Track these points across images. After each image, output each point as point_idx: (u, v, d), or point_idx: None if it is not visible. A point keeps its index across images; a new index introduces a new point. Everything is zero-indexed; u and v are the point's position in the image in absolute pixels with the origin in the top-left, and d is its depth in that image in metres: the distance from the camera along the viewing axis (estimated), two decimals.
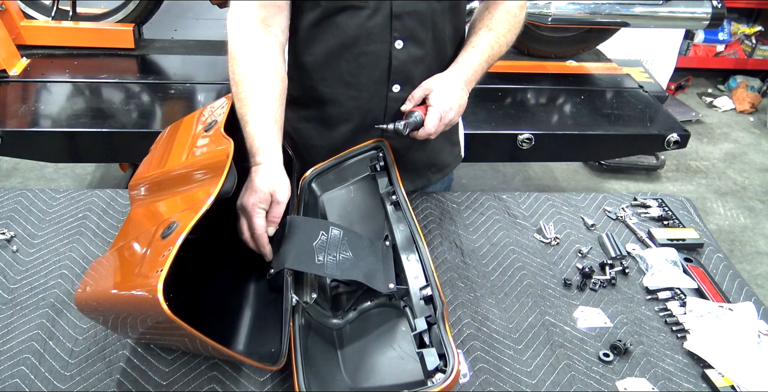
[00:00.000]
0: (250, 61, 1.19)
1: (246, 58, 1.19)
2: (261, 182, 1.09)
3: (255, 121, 1.15)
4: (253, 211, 1.08)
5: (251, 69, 1.18)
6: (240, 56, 1.19)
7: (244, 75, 1.18)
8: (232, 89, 1.19)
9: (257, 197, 1.08)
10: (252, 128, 1.14)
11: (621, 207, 1.53)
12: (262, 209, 1.08)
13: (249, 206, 1.08)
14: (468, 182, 3.31)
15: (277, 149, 1.16)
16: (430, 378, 0.91)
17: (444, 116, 1.24)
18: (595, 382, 1.06)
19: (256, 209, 1.08)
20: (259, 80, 1.18)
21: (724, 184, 3.61)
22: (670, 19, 2.51)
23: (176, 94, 2.22)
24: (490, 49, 1.32)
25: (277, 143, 1.16)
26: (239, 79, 1.18)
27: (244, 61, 1.19)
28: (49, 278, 1.21)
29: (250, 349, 1.04)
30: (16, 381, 1.00)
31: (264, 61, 1.20)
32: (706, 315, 1.18)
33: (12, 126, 1.92)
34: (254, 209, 1.08)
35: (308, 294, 1.12)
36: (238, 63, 1.19)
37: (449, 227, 1.43)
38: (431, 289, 1.02)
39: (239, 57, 1.19)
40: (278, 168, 1.13)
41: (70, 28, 2.47)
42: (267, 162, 1.12)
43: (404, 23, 1.25)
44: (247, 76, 1.18)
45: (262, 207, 1.08)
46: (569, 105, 2.37)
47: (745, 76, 4.65)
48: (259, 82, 1.18)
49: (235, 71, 1.19)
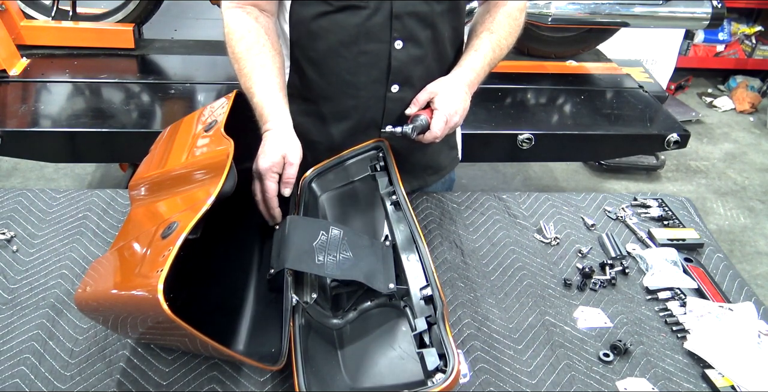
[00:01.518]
0: (248, 38, 1.24)
1: (245, 36, 1.24)
2: (273, 146, 1.15)
3: (261, 91, 1.21)
4: (266, 174, 1.14)
5: (251, 45, 1.23)
6: (238, 35, 1.25)
7: (245, 51, 1.23)
8: (234, 67, 1.25)
9: (270, 161, 1.14)
10: (259, 97, 1.20)
11: (621, 207, 1.53)
12: (275, 172, 1.14)
13: (263, 170, 1.14)
14: (468, 182, 3.31)
15: (286, 114, 1.22)
16: (430, 378, 0.91)
17: (449, 120, 1.25)
18: (595, 382, 1.06)
19: (269, 174, 1.14)
20: (260, 55, 1.23)
21: (724, 184, 3.61)
22: (670, 19, 2.51)
23: (176, 94, 2.22)
24: (492, 53, 1.33)
25: (285, 109, 1.22)
26: (240, 56, 1.24)
27: (243, 39, 1.24)
28: (49, 278, 1.21)
29: (250, 349, 1.04)
30: (16, 381, 1.00)
31: (262, 38, 1.25)
32: (706, 315, 1.18)
33: (12, 126, 1.92)
34: (268, 172, 1.14)
35: (308, 293, 1.12)
36: (238, 41, 1.24)
37: (449, 227, 1.43)
38: (431, 289, 1.02)
39: (237, 36, 1.25)
40: (289, 132, 1.20)
41: (70, 28, 2.47)
42: (277, 127, 1.18)
43: (404, 24, 1.25)
44: (247, 52, 1.23)
45: (275, 171, 1.14)
46: (569, 105, 2.37)
47: (745, 76, 4.64)
48: (261, 57, 1.23)
49: (235, 50, 1.25)
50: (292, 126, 1.22)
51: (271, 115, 1.19)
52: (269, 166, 1.14)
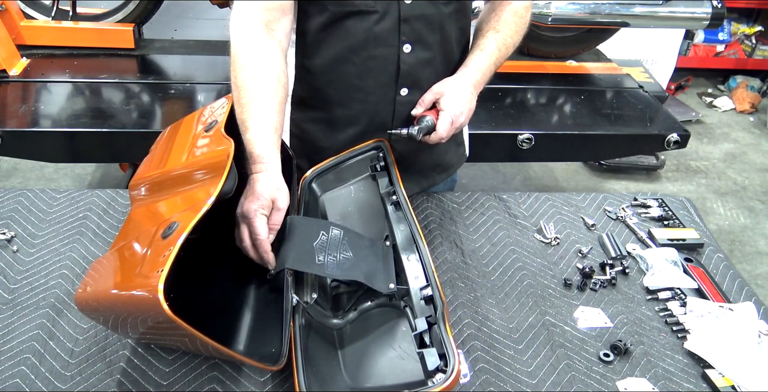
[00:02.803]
0: (252, 66, 1.17)
1: (248, 63, 1.17)
2: (262, 188, 1.08)
3: (256, 128, 1.13)
4: (255, 216, 1.06)
5: (254, 74, 1.17)
6: (243, 61, 1.18)
7: (247, 80, 1.16)
8: (234, 94, 1.18)
9: (259, 203, 1.06)
10: (252, 135, 1.13)
11: (621, 207, 1.53)
12: (263, 214, 1.07)
13: (251, 212, 1.06)
14: (468, 182, 3.31)
15: (277, 157, 1.14)
16: (430, 378, 0.91)
17: (455, 120, 1.24)
18: (595, 382, 1.06)
19: (258, 214, 1.06)
20: (261, 87, 1.16)
21: (724, 184, 3.61)
22: (670, 19, 2.51)
23: (176, 94, 2.22)
24: (497, 52, 1.33)
25: (277, 151, 1.15)
26: (241, 84, 1.16)
27: (246, 66, 1.17)
28: (50, 278, 1.21)
29: (250, 349, 1.04)
30: (17, 381, 1.00)
31: (267, 68, 1.18)
32: (707, 315, 1.18)
33: (12, 126, 1.92)
34: (256, 214, 1.06)
35: (308, 294, 1.12)
36: (241, 68, 1.17)
37: (449, 227, 1.43)
38: (431, 289, 1.02)
39: (242, 62, 1.18)
40: (278, 176, 1.12)
41: (70, 28, 2.47)
42: (267, 170, 1.11)
43: (412, 27, 1.25)
44: (249, 82, 1.16)
45: (264, 213, 1.07)
46: (569, 105, 2.37)
47: (745, 76, 4.64)
48: (262, 89, 1.16)
49: (238, 76, 1.17)
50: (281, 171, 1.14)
51: (261, 157, 1.11)
52: (257, 207, 1.06)
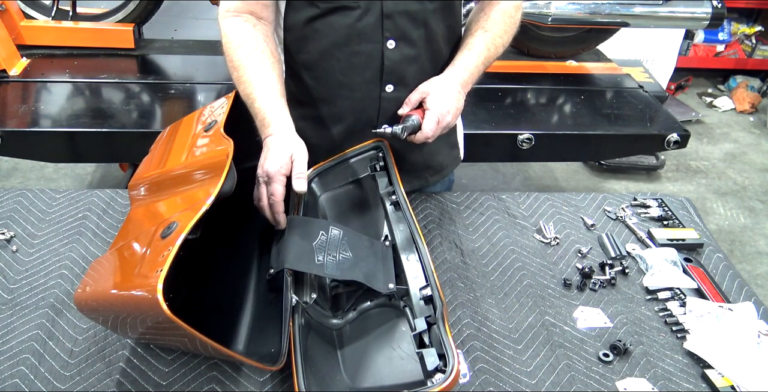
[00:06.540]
0: (246, 46, 1.23)
1: (242, 45, 1.24)
2: (279, 147, 1.13)
3: (262, 97, 1.19)
4: (275, 177, 1.10)
5: (249, 53, 1.23)
6: (236, 43, 1.24)
7: (243, 59, 1.23)
8: (233, 75, 1.24)
9: (279, 162, 1.11)
10: (260, 103, 1.19)
11: (621, 207, 1.53)
12: (283, 174, 1.11)
13: (271, 172, 1.11)
14: (468, 182, 3.31)
15: (289, 119, 1.20)
16: (429, 378, 0.91)
17: (441, 120, 1.23)
18: (595, 382, 1.06)
19: (278, 176, 1.10)
20: (258, 62, 1.22)
21: (724, 184, 3.61)
22: (670, 19, 2.51)
23: (176, 94, 2.22)
24: (486, 51, 1.32)
25: (287, 114, 1.21)
26: (239, 63, 1.23)
27: (241, 47, 1.23)
28: (49, 278, 1.22)
29: (249, 349, 1.04)
30: (16, 381, 1.00)
31: (260, 45, 1.24)
32: (706, 315, 1.18)
33: (12, 126, 1.92)
34: (276, 174, 1.10)
35: (308, 294, 1.12)
36: (236, 49, 1.24)
37: (449, 228, 1.43)
38: (431, 289, 1.02)
39: (236, 44, 1.24)
40: (292, 134, 1.18)
41: (70, 28, 2.47)
42: (280, 131, 1.17)
43: (395, 23, 1.25)
44: (246, 60, 1.22)
45: (283, 173, 1.11)
46: (569, 105, 2.37)
47: (745, 76, 4.64)
48: (260, 64, 1.22)
49: (234, 57, 1.24)
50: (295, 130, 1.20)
51: (273, 120, 1.17)
52: (277, 168, 1.10)
